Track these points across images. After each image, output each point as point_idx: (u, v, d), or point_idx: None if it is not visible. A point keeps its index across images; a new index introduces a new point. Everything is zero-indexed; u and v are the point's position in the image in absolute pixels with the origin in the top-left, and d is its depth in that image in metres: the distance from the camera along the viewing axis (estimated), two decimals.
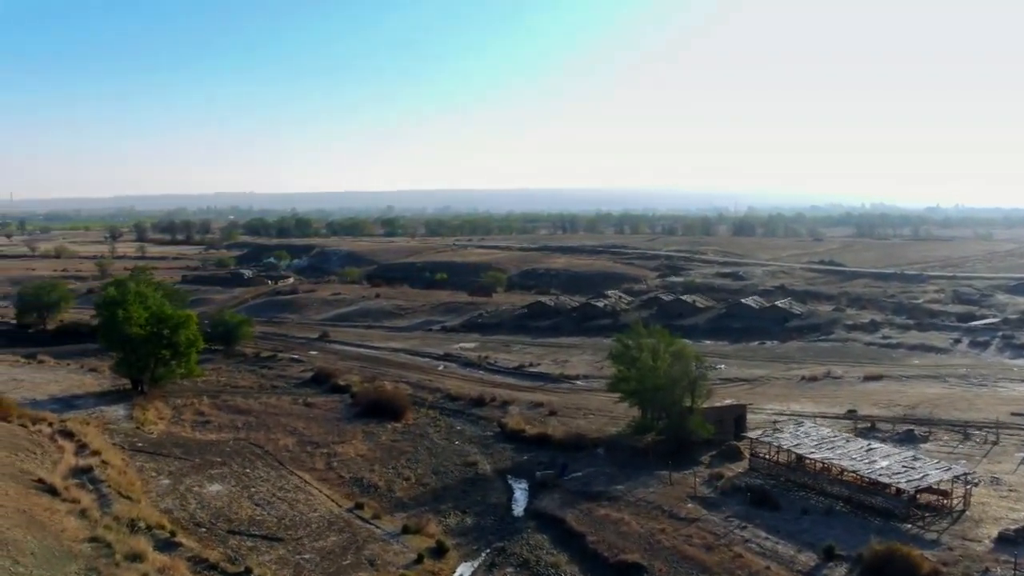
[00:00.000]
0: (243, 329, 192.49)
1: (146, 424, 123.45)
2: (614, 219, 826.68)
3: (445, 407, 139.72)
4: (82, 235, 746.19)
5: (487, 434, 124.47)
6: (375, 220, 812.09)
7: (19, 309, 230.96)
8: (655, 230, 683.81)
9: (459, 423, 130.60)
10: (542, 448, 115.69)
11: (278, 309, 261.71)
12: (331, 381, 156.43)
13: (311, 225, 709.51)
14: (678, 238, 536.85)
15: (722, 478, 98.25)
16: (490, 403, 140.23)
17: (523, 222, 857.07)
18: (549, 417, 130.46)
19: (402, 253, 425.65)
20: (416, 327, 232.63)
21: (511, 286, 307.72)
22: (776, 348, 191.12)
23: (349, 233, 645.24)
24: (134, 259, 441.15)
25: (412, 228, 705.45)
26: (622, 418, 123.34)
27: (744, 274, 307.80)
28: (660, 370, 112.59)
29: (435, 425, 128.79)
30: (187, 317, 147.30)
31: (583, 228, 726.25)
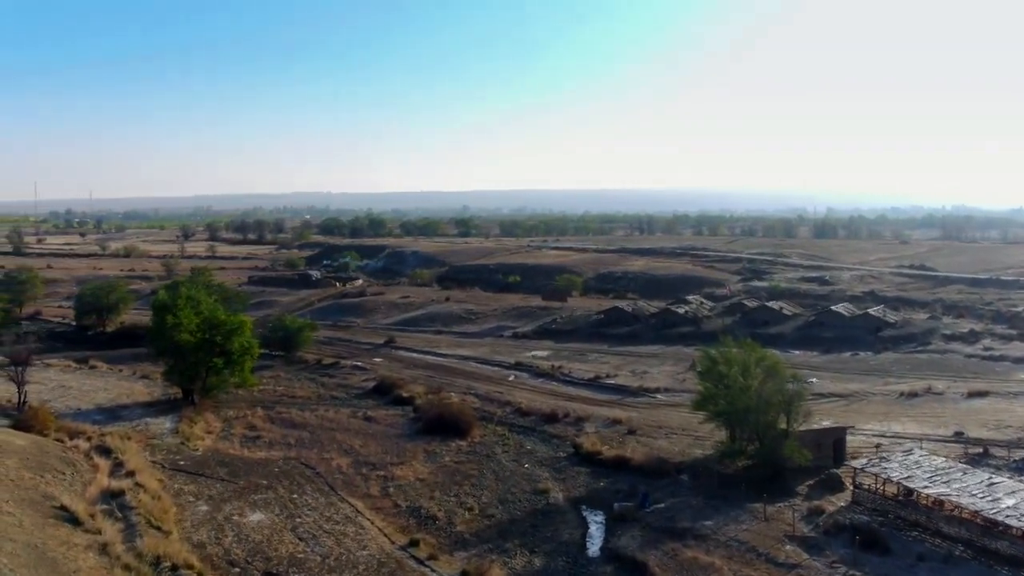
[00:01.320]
0: (304, 334, 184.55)
1: (192, 439, 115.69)
2: (691, 220, 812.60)
3: (515, 423, 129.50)
4: (155, 234, 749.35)
5: (560, 455, 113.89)
6: (449, 220, 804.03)
7: (78, 310, 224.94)
8: (734, 232, 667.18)
9: (529, 441, 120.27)
10: (620, 472, 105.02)
11: (344, 312, 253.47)
12: (394, 392, 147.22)
13: (385, 225, 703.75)
14: (758, 240, 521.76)
15: (823, 513, 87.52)
16: (563, 419, 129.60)
17: (599, 223, 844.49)
18: (627, 436, 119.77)
19: (475, 254, 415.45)
20: (486, 333, 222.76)
21: (587, 290, 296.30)
22: (870, 360, 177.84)
23: (423, 233, 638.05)
24: (203, 259, 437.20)
25: (486, 228, 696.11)
26: (707, 439, 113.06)
27: (830, 279, 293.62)
28: (752, 389, 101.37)
29: (503, 444, 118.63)
30: (241, 323, 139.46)
31: (660, 229, 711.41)
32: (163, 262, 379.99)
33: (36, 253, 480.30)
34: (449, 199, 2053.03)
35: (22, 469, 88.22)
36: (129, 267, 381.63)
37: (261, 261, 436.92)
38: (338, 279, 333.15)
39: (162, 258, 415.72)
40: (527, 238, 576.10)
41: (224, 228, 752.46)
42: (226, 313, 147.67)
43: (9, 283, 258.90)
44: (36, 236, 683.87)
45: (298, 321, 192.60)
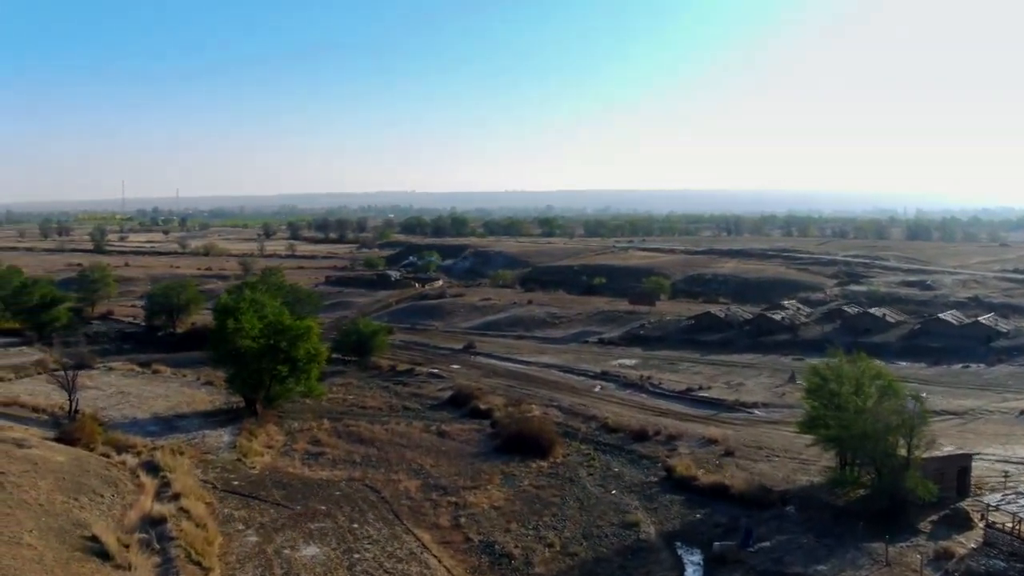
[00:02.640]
0: (379, 339, 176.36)
1: (249, 455, 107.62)
2: (779, 221, 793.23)
3: (601, 441, 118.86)
4: (237, 233, 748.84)
5: (651, 480, 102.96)
6: (533, 220, 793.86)
7: (148, 310, 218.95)
8: (824, 233, 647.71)
9: (617, 462, 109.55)
10: (718, 501, 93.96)
11: (422, 315, 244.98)
12: (471, 404, 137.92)
13: (467, 224, 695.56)
14: (851, 242, 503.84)
15: (952, 557, 75.51)
16: (654, 437, 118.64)
17: (685, 223, 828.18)
18: (725, 459, 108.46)
19: (559, 255, 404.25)
20: (570, 338, 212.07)
21: (675, 293, 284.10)
22: (983, 373, 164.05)
23: (506, 233, 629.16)
24: (282, 258, 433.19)
25: (570, 229, 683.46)
26: (814, 463, 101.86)
27: (932, 283, 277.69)
28: (868, 410, 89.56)
29: (588, 465, 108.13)
30: (307, 328, 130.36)
31: (748, 230, 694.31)
32: (240, 261, 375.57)
33: (117, 251, 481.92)
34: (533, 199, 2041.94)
35: (55, 491, 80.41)
36: (206, 266, 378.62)
37: (341, 261, 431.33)
38: (417, 280, 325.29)
39: (240, 257, 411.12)
40: (612, 238, 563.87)
41: (306, 227, 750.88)
42: (292, 317, 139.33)
43: (82, 282, 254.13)
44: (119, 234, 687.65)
45: (372, 325, 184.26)
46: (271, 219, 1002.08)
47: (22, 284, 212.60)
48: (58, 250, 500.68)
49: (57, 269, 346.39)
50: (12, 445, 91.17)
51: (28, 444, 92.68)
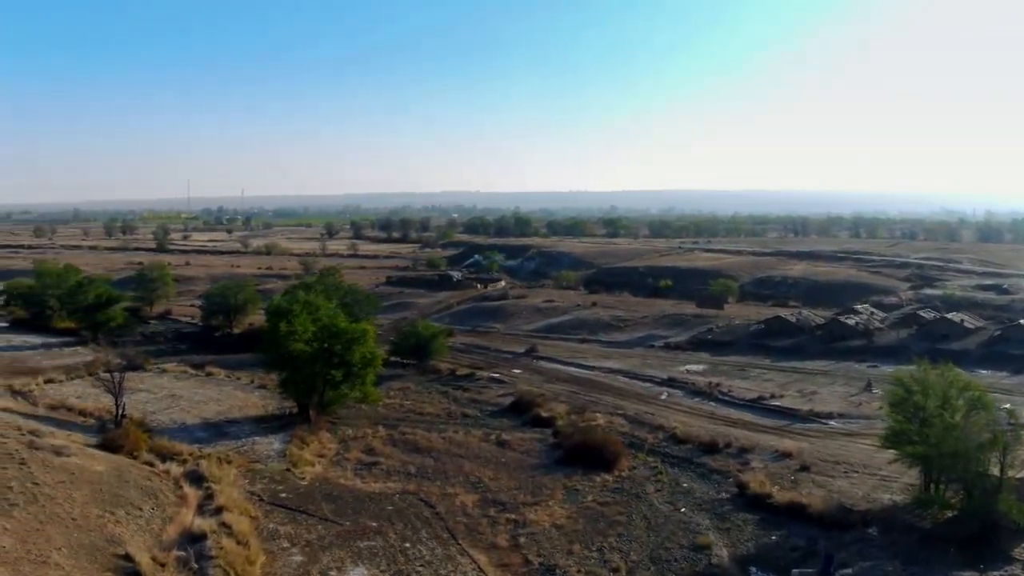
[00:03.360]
0: (438, 342, 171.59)
1: (300, 464, 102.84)
2: (847, 222, 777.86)
3: (668, 453, 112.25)
4: (300, 232, 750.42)
5: (722, 496, 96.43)
6: (596, 220, 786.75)
7: (205, 310, 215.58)
8: (894, 235, 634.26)
9: (686, 477, 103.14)
10: (795, 521, 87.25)
11: (484, 317, 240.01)
12: (533, 411, 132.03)
13: (531, 224, 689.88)
14: (921, 244, 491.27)
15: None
16: (724, 449, 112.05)
17: (750, 224, 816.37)
18: (800, 474, 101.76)
19: (623, 256, 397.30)
20: (636, 342, 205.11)
21: (743, 296, 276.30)
22: None
23: (569, 233, 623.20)
24: (344, 257, 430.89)
25: (634, 229, 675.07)
26: (895, 480, 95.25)
27: (1009, 287, 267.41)
28: (957, 426, 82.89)
29: (656, 480, 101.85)
30: (363, 331, 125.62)
31: (815, 231, 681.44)
32: (301, 260, 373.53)
33: (179, 250, 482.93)
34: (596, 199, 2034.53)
35: (91, 504, 76.31)
36: (267, 265, 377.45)
37: (403, 260, 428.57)
38: (479, 280, 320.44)
39: (302, 256, 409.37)
40: (677, 239, 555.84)
41: (369, 226, 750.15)
42: (349, 319, 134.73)
43: (140, 281, 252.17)
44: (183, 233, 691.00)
45: (432, 327, 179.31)
46: (334, 218, 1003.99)
47: (78, 283, 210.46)
48: (121, 249, 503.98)
49: (118, 268, 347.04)
50: (51, 453, 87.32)
51: (68, 452, 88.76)
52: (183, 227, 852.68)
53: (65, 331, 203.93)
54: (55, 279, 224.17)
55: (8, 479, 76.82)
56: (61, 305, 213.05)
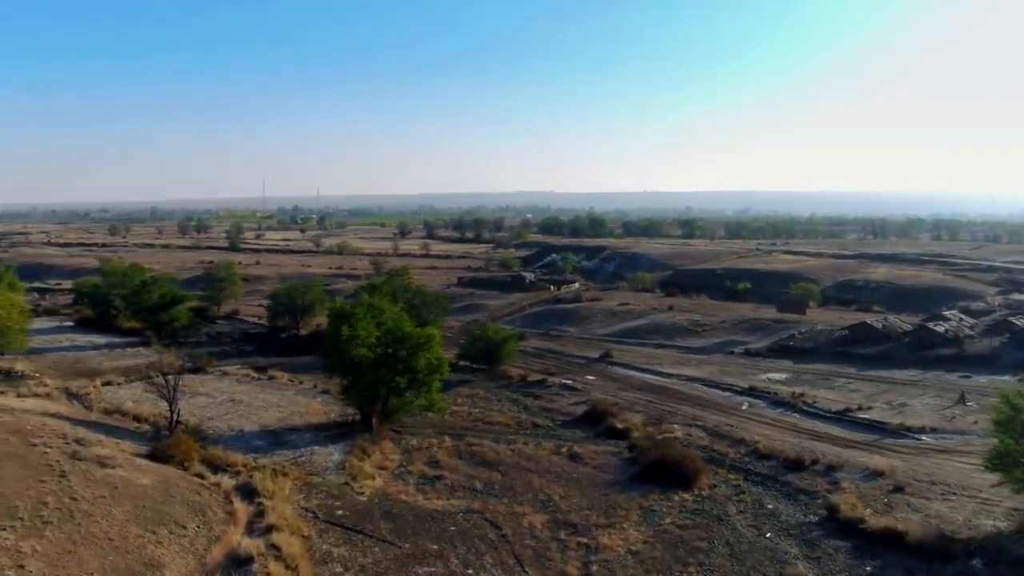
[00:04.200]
0: (509, 346, 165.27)
1: (360, 477, 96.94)
2: (926, 224, 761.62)
3: (751, 470, 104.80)
4: (373, 231, 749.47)
5: (810, 520, 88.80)
6: (672, 221, 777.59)
7: (271, 311, 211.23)
8: (976, 237, 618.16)
9: (770, 497, 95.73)
10: (891, 550, 79.41)
11: (557, 320, 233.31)
12: (607, 421, 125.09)
13: (605, 225, 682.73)
14: (1006, 246, 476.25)
15: None
16: (811, 466, 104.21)
17: (828, 225, 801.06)
18: (894, 495, 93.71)
19: (699, 258, 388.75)
20: (714, 348, 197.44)
21: (825, 300, 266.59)
22: None
23: (644, 234, 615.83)
24: (416, 257, 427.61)
25: (710, 230, 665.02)
26: (997, 503, 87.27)
27: None
28: None
29: (738, 500, 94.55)
30: (429, 336, 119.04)
31: (894, 233, 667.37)
32: (372, 260, 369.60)
33: (251, 249, 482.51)
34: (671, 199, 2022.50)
35: (131, 522, 71.21)
36: (338, 265, 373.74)
37: (475, 261, 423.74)
38: (552, 282, 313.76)
39: (373, 256, 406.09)
40: (754, 241, 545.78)
41: (442, 226, 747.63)
42: (415, 322, 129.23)
43: (208, 280, 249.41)
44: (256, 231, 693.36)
45: (502, 331, 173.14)
46: (408, 218, 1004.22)
47: (142, 283, 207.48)
48: (194, 247, 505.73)
49: (188, 267, 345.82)
50: (94, 464, 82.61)
51: (113, 463, 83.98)
52: (257, 226, 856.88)
53: (130, 331, 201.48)
54: (120, 278, 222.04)
55: (44, 494, 72.27)
56: (126, 305, 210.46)
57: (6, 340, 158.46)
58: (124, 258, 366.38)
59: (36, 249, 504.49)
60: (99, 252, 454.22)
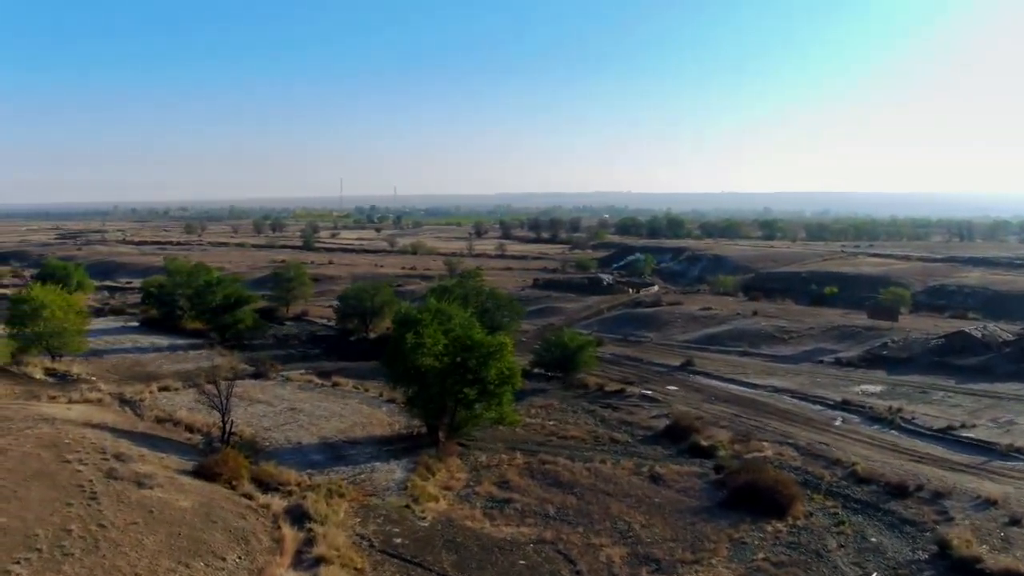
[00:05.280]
0: (585, 353, 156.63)
1: (422, 499, 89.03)
2: (1014, 226, 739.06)
3: (850, 495, 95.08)
4: (449, 231, 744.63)
5: (919, 557, 79.02)
6: (751, 222, 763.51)
7: (340, 313, 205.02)
8: None
9: (873, 528, 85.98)
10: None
11: (636, 325, 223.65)
12: (690, 438, 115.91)
13: (684, 225, 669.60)
14: None
15: None
16: (915, 493, 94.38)
17: (912, 227, 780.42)
18: (1010, 529, 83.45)
19: (782, 260, 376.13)
20: (802, 357, 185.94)
21: (916, 306, 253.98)
22: None
23: (724, 235, 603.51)
24: (491, 257, 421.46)
25: (792, 232, 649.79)
26: None
27: None
28: None
29: (837, 530, 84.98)
30: (500, 345, 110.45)
31: (980, 235, 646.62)
32: (446, 261, 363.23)
33: (324, 248, 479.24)
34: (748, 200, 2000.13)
35: (163, 553, 64.43)
36: (411, 265, 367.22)
37: (552, 261, 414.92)
38: (631, 284, 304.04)
39: (447, 256, 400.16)
40: (836, 243, 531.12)
41: (518, 226, 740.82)
42: (486, 328, 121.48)
43: (276, 280, 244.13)
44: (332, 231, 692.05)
45: (579, 337, 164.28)
46: (484, 218, 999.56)
47: (206, 282, 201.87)
48: (267, 246, 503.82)
49: (260, 266, 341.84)
50: (131, 484, 75.62)
51: (151, 482, 76.92)
52: (332, 225, 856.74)
53: (194, 333, 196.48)
54: (185, 277, 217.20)
55: (69, 520, 65.29)
56: (190, 305, 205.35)
57: (62, 342, 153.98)
58: (196, 257, 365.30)
59: (110, 247, 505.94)
60: (172, 250, 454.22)
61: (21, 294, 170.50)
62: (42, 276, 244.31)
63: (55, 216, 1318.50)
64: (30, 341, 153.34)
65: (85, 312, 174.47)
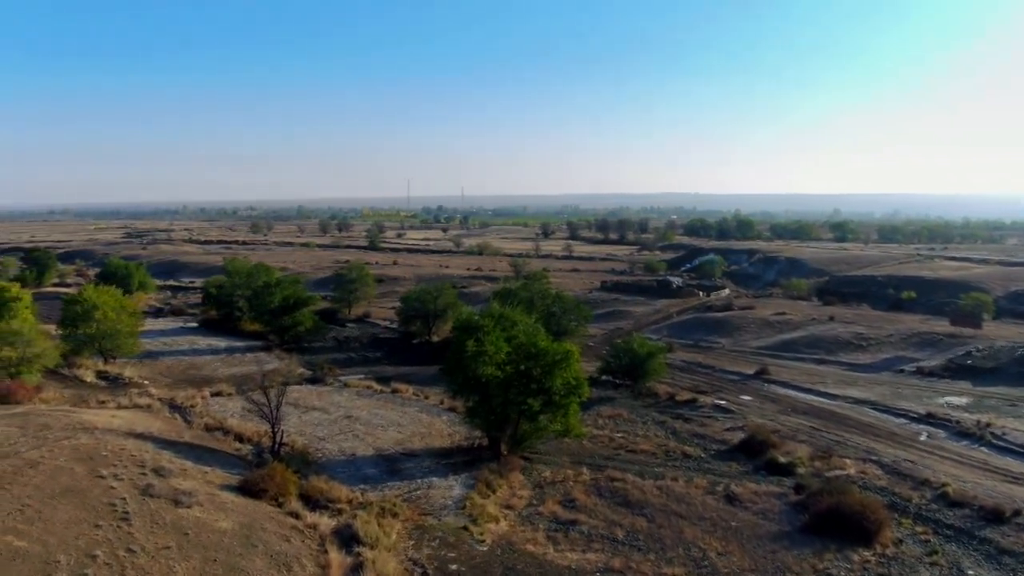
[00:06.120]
0: (655, 361, 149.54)
1: (481, 520, 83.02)
2: None
3: (941, 520, 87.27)
4: (515, 231, 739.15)
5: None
6: (822, 224, 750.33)
7: (402, 315, 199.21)
8: None
9: (969, 559, 78.12)
10: None
11: (707, 330, 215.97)
12: (767, 453, 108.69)
13: (753, 227, 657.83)
14: None
15: None
16: (1013, 519, 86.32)
17: (987, 230, 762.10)
18: None
19: (856, 263, 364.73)
20: (881, 365, 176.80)
21: (999, 312, 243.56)
22: None
23: (794, 237, 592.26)
24: (558, 258, 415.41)
25: (864, 233, 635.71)
26: None
27: None
28: None
29: (930, 561, 77.27)
30: (566, 353, 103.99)
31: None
32: (512, 262, 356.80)
33: (390, 248, 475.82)
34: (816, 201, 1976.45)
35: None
36: (477, 266, 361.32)
37: (620, 263, 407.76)
38: (701, 287, 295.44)
39: (513, 257, 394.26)
40: (910, 245, 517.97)
41: (585, 227, 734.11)
42: (551, 335, 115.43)
43: (339, 281, 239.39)
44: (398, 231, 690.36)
45: (648, 344, 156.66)
46: (551, 218, 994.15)
47: (265, 283, 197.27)
48: (332, 246, 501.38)
49: (324, 266, 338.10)
50: (167, 503, 70.16)
51: (191, 500, 71.42)
52: (399, 225, 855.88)
53: (252, 335, 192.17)
54: (244, 278, 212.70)
55: (95, 544, 59.66)
56: (249, 306, 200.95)
57: (115, 344, 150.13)
58: (261, 256, 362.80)
59: (175, 246, 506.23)
60: (238, 250, 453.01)
61: (73, 295, 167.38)
62: (104, 275, 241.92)
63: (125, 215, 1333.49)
64: (82, 343, 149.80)
65: (139, 313, 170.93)
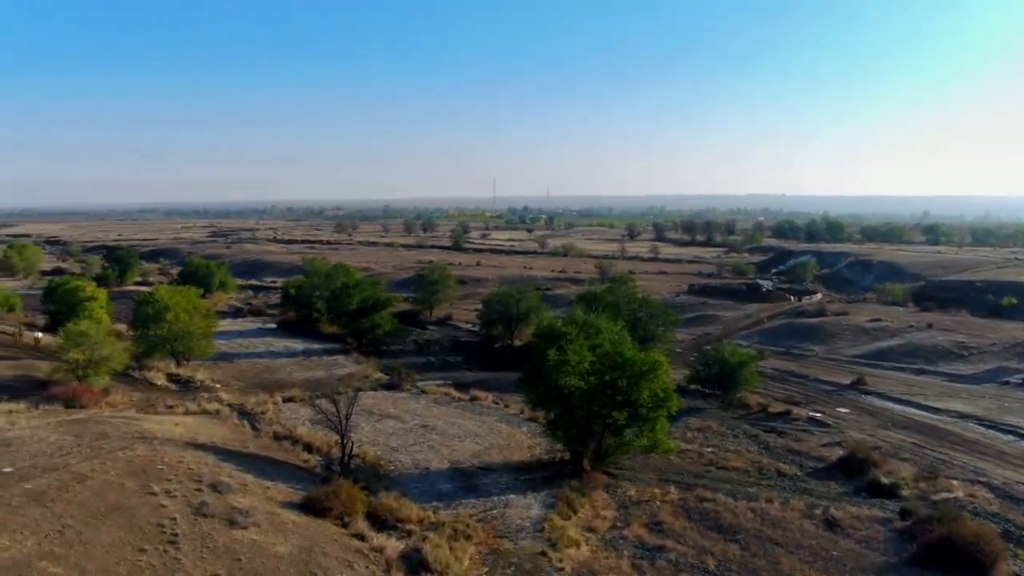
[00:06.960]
0: (747, 370, 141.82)
1: (560, 544, 76.52)
2: None
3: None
4: (600, 232, 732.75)
5: None
6: (914, 226, 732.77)
7: (484, 318, 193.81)
8: None
9: None
10: None
11: (799, 337, 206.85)
12: (868, 473, 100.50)
13: (843, 229, 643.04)
14: None
15: None
16: None
17: None
18: None
19: (952, 267, 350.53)
20: (984, 376, 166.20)
21: None
22: None
23: (885, 239, 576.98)
24: (644, 260, 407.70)
25: (957, 237, 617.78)
26: None
27: None
28: None
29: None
30: (654, 363, 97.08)
31: None
32: (597, 263, 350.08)
33: (474, 249, 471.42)
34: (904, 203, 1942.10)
35: None
36: (561, 268, 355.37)
37: (707, 265, 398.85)
38: (792, 292, 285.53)
39: (599, 258, 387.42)
40: (1004, 248, 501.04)
41: (672, 228, 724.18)
42: (637, 343, 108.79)
43: (419, 283, 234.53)
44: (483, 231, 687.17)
45: (740, 352, 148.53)
46: (637, 219, 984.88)
47: (343, 284, 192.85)
48: (416, 246, 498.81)
49: (407, 267, 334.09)
50: (222, 523, 64.71)
51: (248, 520, 65.89)
52: (484, 225, 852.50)
53: (331, 337, 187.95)
54: (323, 279, 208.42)
55: (138, 571, 54.14)
56: (327, 308, 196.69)
57: (187, 346, 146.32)
58: (344, 256, 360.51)
59: (259, 246, 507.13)
60: (321, 249, 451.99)
61: (145, 295, 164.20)
62: (185, 275, 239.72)
63: (213, 214, 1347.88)
64: (154, 344, 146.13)
65: (213, 314, 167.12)
